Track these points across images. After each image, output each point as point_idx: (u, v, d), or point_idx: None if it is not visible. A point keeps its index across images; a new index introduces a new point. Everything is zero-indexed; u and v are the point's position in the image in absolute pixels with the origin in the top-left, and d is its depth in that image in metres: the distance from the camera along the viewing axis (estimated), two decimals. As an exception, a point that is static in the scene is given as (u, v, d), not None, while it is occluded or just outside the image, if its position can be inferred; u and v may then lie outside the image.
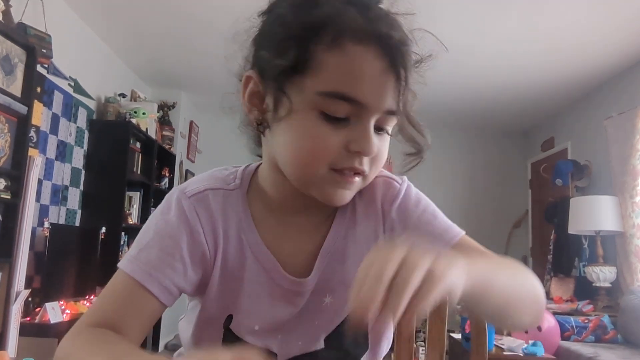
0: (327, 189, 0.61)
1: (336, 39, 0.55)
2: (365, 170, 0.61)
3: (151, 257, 0.61)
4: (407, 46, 0.58)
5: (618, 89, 4.17)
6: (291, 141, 0.59)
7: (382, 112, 0.58)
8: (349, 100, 0.56)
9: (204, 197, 0.65)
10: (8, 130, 2.56)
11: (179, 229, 0.62)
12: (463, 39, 3.68)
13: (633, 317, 3.27)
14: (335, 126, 0.57)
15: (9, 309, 2.47)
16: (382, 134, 0.61)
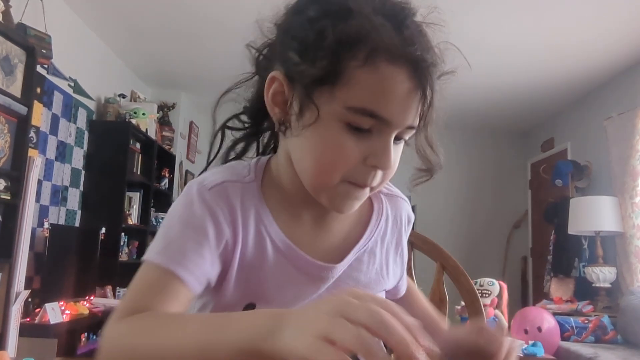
0: (337, 198, 0.62)
1: (370, 57, 0.56)
2: (375, 184, 0.63)
3: (181, 247, 0.61)
4: (436, 67, 0.60)
5: (618, 90, 4.17)
6: (313, 148, 0.60)
7: (404, 127, 0.60)
8: (375, 117, 0.57)
9: (223, 189, 0.66)
10: (8, 131, 2.56)
11: (204, 220, 0.63)
12: (464, 38, 3.67)
13: (633, 318, 3.27)
14: (358, 137, 0.58)
15: (8, 310, 2.47)
16: (398, 143, 0.63)
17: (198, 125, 5.85)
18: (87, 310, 3.04)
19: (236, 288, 0.66)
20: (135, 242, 4.22)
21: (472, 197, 6.01)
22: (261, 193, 0.68)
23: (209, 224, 0.63)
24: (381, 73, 0.56)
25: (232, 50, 4.53)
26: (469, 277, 1.04)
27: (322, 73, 0.57)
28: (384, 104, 0.57)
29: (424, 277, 2.01)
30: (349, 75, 0.56)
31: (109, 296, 3.52)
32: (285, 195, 0.69)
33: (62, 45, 3.24)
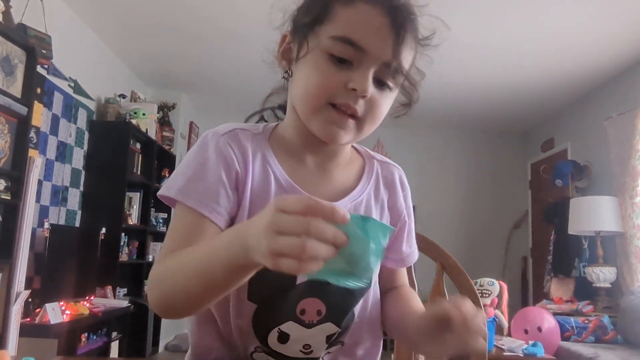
0: (324, 124, 0.71)
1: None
2: (358, 111, 0.70)
3: (202, 188, 0.71)
4: (408, 12, 0.71)
5: (618, 90, 4.17)
6: (303, 76, 0.72)
7: (380, 62, 0.69)
8: (353, 44, 0.67)
9: (234, 134, 0.76)
10: (8, 131, 2.57)
11: (218, 162, 0.72)
12: (463, 39, 3.68)
13: (633, 318, 3.27)
14: (340, 67, 0.69)
15: (9, 310, 2.47)
16: (383, 90, 0.72)
17: (198, 126, 5.85)
18: (87, 311, 3.04)
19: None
20: (135, 242, 4.22)
21: (472, 197, 6.01)
22: (268, 143, 0.79)
23: (221, 164, 0.72)
24: (359, 8, 0.68)
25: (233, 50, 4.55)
26: (469, 277, 1.04)
27: (314, 16, 0.70)
28: (360, 33, 0.68)
29: (424, 277, 2.01)
30: (333, 13, 0.69)
31: (109, 296, 3.52)
32: (290, 145, 0.79)
33: (62, 46, 3.24)
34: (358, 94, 0.68)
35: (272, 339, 0.74)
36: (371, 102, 0.70)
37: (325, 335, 0.76)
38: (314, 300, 0.74)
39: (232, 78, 4.57)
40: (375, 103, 0.71)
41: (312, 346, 0.76)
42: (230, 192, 0.72)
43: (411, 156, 6.09)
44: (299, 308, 0.73)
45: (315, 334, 0.75)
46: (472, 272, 1.16)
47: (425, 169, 6.05)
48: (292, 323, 0.73)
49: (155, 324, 4.31)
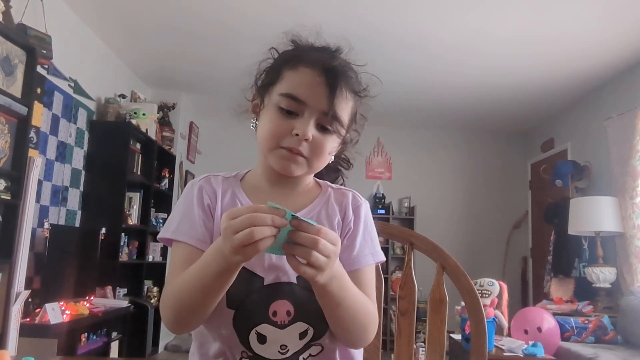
0: (278, 159, 0.87)
1: (296, 64, 0.88)
2: (302, 152, 0.85)
3: (189, 226, 0.88)
4: (342, 71, 0.87)
5: (618, 90, 4.18)
6: (262, 126, 0.90)
7: (319, 111, 0.85)
8: (296, 99, 0.85)
9: (207, 179, 0.96)
10: (8, 131, 2.57)
11: (197, 202, 0.91)
12: (463, 39, 3.68)
13: (633, 318, 3.27)
14: (287, 117, 0.85)
15: (9, 310, 2.47)
16: (325, 133, 0.87)
17: (198, 126, 5.86)
18: (87, 311, 3.04)
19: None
20: (135, 242, 4.22)
21: (472, 198, 6.01)
22: (239, 184, 0.96)
23: (199, 202, 0.91)
24: (300, 71, 0.87)
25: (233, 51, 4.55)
26: (468, 277, 1.04)
27: (269, 80, 0.90)
28: (301, 90, 0.85)
29: (424, 277, 2.01)
30: (282, 76, 0.88)
31: (109, 296, 3.53)
32: (258, 181, 0.96)
33: (62, 46, 3.24)
34: (300, 138, 0.84)
35: (253, 341, 0.85)
36: (314, 143, 0.86)
37: (297, 334, 0.86)
38: (283, 302, 0.86)
39: (232, 78, 4.56)
40: (318, 144, 0.86)
41: (288, 346, 0.86)
42: (207, 221, 0.90)
43: (411, 156, 6.10)
44: (271, 310, 0.85)
45: (289, 333, 0.85)
46: (472, 273, 1.16)
47: (425, 169, 6.06)
48: (266, 325, 0.85)
49: (155, 324, 4.31)
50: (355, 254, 0.92)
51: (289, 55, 0.90)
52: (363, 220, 0.95)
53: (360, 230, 0.94)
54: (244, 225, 0.64)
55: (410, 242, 1.08)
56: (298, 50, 0.91)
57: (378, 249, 0.96)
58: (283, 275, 0.87)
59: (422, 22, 3.45)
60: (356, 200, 0.97)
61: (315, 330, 0.86)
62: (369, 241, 0.94)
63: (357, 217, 0.95)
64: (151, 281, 4.52)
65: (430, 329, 1.03)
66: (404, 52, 3.93)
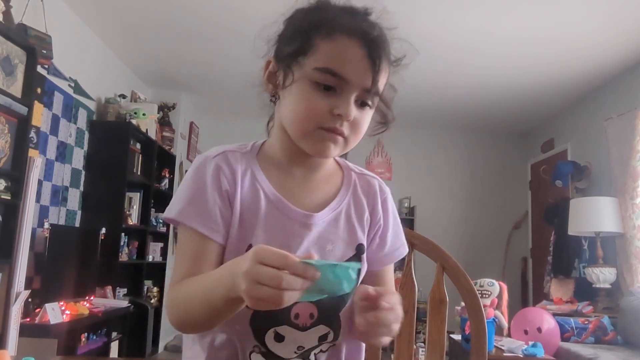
0: (315, 143, 0.79)
1: (330, 32, 0.77)
2: (344, 132, 0.78)
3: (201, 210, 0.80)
4: (382, 42, 0.79)
5: (618, 91, 4.18)
6: (292, 103, 0.79)
7: (360, 88, 0.77)
8: (335, 75, 0.75)
9: (224, 156, 0.85)
10: (8, 131, 2.57)
11: (212, 184, 0.81)
12: (464, 39, 3.68)
13: (633, 319, 3.27)
14: (325, 94, 0.76)
15: (9, 310, 2.47)
16: (364, 109, 0.80)
17: (198, 126, 5.85)
18: (87, 311, 3.04)
19: (238, 232, 0.81)
20: (135, 242, 4.22)
21: (472, 198, 6.01)
22: (256, 160, 0.87)
23: (215, 185, 0.81)
24: (338, 42, 0.76)
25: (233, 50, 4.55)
26: (468, 277, 1.04)
27: (297, 48, 0.78)
28: (341, 65, 0.75)
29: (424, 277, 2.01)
30: (314, 46, 0.77)
31: (109, 296, 3.53)
32: (277, 160, 0.87)
33: (62, 46, 3.24)
34: (343, 119, 0.77)
35: (269, 339, 0.80)
36: (354, 122, 0.79)
37: (317, 336, 0.82)
38: (307, 304, 0.80)
39: (232, 78, 4.57)
40: (358, 122, 0.79)
41: (305, 347, 0.82)
42: (225, 210, 0.81)
43: (411, 156, 6.10)
44: (293, 312, 0.80)
45: (308, 336, 0.81)
46: (472, 273, 1.16)
47: (425, 169, 6.06)
48: (287, 326, 0.80)
49: (155, 324, 4.31)
50: (386, 251, 0.90)
51: (318, 19, 0.79)
52: (392, 213, 0.92)
53: (390, 225, 0.91)
54: (272, 283, 0.58)
55: (411, 242, 1.08)
56: (327, 12, 0.80)
57: (404, 237, 0.94)
58: None
59: (422, 22, 3.45)
60: (383, 192, 0.93)
61: (335, 334, 0.83)
62: (399, 234, 0.92)
63: (385, 210, 0.91)
64: (151, 281, 4.51)
65: (430, 329, 1.03)
66: (404, 53, 3.93)
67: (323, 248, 0.84)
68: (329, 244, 0.85)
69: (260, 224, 0.82)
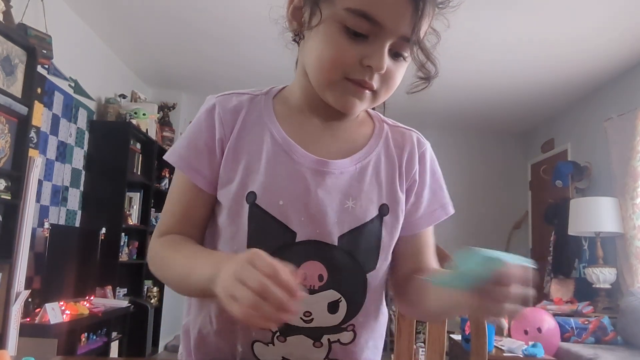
0: (339, 95, 0.70)
1: None
2: (374, 86, 0.69)
3: (191, 153, 0.76)
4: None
5: (618, 91, 4.18)
6: (317, 47, 0.69)
7: (397, 36, 0.66)
8: (369, 19, 0.65)
9: (228, 96, 0.79)
10: (8, 131, 2.57)
11: (206, 126, 0.77)
12: (464, 39, 3.68)
13: (633, 319, 3.27)
14: (355, 41, 0.66)
15: (9, 310, 2.47)
16: (398, 60, 0.70)
17: (198, 126, 5.85)
18: (87, 311, 3.04)
19: (240, 177, 0.75)
20: (135, 242, 4.22)
21: (472, 198, 6.00)
22: (270, 103, 0.79)
23: (208, 127, 0.76)
24: None
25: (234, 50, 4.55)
26: (469, 277, 1.04)
27: None
28: (378, 7, 0.64)
29: (424, 277, 2.01)
30: None
31: (109, 296, 3.52)
32: (295, 105, 0.79)
33: (62, 46, 3.24)
34: (374, 71, 0.68)
35: None
36: (386, 75, 0.70)
37: (327, 303, 0.74)
38: (316, 264, 0.73)
39: (232, 78, 4.57)
40: (391, 75, 0.71)
41: (312, 314, 0.74)
42: (217, 155, 0.75)
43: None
44: (300, 271, 0.72)
45: (316, 300, 0.73)
46: (472, 273, 1.15)
47: (425, 169, 6.05)
48: None
49: (155, 324, 4.31)
50: (421, 213, 0.82)
51: None
52: (429, 169, 0.84)
53: (428, 182, 0.83)
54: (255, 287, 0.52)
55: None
56: None
57: (447, 199, 0.86)
58: (322, 232, 0.73)
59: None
60: (421, 144, 0.84)
61: (348, 304, 0.75)
62: (438, 193, 0.84)
63: (422, 165, 0.83)
64: (151, 281, 4.51)
65: (430, 329, 1.03)
66: (404, 53, 3.93)
67: (342, 204, 0.75)
68: (349, 199, 0.75)
69: (262, 169, 0.74)
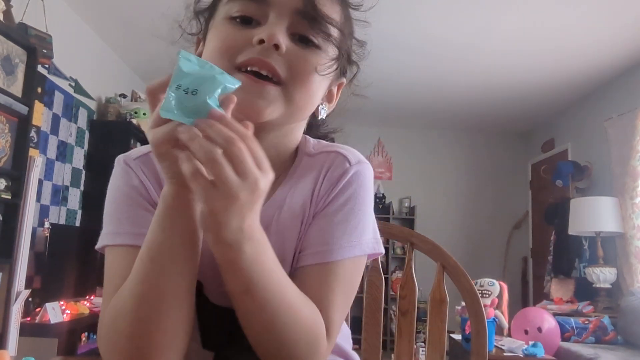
0: (239, 98, 0.48)
1: None
2: (275, 67, 0.56)
3: (123, 222, 0.62)
4: None
5: (618, 91, 4.17)
6: (205, 50, 0.62)
7: (291, 10, 0.57)
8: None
9: (148, 158, 0.67)
10: (9, 131, 2.57)
11: (131, 188, 0.65)
12: (464, 39, 3.68)
13: (633, 319, 3.27)
14: (244, 27, 0.58)
15: (9, 309, 2.47)
16: (308, 46, 0.59)
17: (198, 125, 5.85)
18: (88, 310, 3.04)
19: None
20: (136, 242, 4.21)
21: (472, 198, 6.01)
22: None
23: (133, 189, 0.64)
24: None
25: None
26: (469, 277, 1.04)
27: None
28: None
29: (424, 277, 2.01)
30: None
31: (110, 296, 3.52)
32: None
33: (63, 45, 3.24)
34: (267, 45, 0.55)
35: None
36: (292, 57, 0.57)
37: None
38: None
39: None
40: (298, 59, 0.57)
41: None
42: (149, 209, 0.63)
43: (411, 156, 6.09)
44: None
45: None
46: (472, 273, 1.16)
47: (425, 169, 6.05)
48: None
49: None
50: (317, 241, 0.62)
51: None
52: (348, 192, 0.64)
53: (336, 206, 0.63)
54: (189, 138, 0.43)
55: (411, 242, 1.08)
56: None
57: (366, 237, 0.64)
58: None
59: (422, 21, 3.45)
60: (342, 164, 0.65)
61: None
62: (346, 223, 0.62)
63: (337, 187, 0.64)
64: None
65: (430, 329, 1.03)
66: (403, 52, 3.93)
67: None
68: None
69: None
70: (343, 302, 0.62)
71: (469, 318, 1.02)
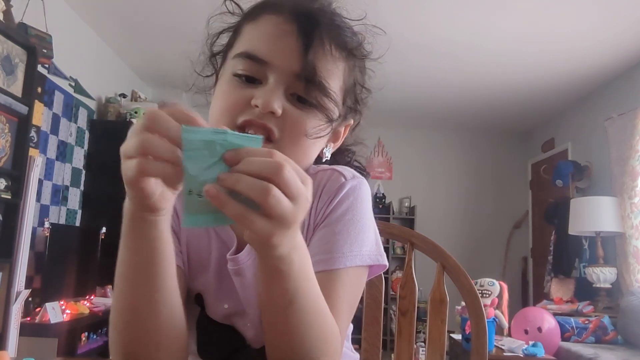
0: None
1: (258, 14, 0.63)
2: (271, 129, 0.59)
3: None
4: (323, 16, 0.61)
5: (618, 90, 4.17)
6: (211, 105, 0.66)
7: (288, 73, 0.59)
8: (256, 59, 0.60)
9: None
10: (9, 130, 2.57)
11: None
12: (464, 38, 3.68)
13: (633, 318, 3.27)
14: (247, 86, 0.61)
15: (9, 309, 2.47)
16: (303, 107, 0.61)
17: (198, 125, 5.85)
18: (88, 310, 3.04)
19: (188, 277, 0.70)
20: (136, 242, 4.21)
21: (472, 198, 6.01)
22: None
23: None
24: (262, 20, 0.62)
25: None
26: (469, 277, 1.04)
27: (227, 43, 0.66)
28: (261, 45, 0.60)
29: (424, 277, 2.01)
30: (240, 33, 0.64)
31: (110, 296, 3.52)
32: None
33: (63, 45, 3.24)
34: (262, 110, 0.58)
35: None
36: (287, 119, 0.59)
37: None
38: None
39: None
40: (293, 120, 0.60)
41: None
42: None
43: (411, 156, 6.09)
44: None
45: None
46: (472, 272, 1.16)
47: (425, 169, 6.05)
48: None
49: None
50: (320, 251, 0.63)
51: (252, 6, 0.65)
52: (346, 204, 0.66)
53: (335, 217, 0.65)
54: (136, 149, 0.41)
55: (411, 241, 1.08)
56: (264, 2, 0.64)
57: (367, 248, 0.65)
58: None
59: (422, 21, 3.45)
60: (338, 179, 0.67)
61: None
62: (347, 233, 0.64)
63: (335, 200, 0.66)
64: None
65: (430, 329, 1.03)
66: (403, 52, 3.93)
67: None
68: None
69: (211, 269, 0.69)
70: (348, 312, 0.62)
71: (469, 318, 1.02)
